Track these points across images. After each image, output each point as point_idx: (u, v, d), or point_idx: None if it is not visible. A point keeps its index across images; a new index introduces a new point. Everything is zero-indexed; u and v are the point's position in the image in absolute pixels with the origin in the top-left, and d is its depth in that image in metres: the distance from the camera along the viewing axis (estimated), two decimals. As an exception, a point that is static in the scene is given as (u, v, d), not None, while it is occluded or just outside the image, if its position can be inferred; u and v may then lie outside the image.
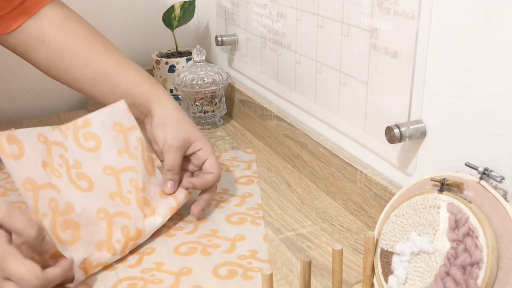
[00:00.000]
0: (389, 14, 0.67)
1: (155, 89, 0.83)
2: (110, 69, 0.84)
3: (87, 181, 0.70)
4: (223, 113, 1.12)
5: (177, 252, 0.71)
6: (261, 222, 0.77)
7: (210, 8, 1.21)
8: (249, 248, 0.71)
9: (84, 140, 0.73)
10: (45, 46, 0.83)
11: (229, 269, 0.67)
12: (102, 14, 1.21)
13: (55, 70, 0.85)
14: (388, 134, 0.67)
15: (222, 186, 0.87)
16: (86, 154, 0.72)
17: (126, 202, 0.72)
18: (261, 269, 0.67)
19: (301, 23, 0.87)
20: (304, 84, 0.90)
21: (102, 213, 0.69)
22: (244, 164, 0.95)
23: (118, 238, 0.69)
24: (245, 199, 0.84)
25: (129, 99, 0.81)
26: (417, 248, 0.55)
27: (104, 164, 0.73)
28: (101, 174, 0.72)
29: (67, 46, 0.84)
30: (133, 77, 0.84)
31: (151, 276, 0.66)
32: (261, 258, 0.69)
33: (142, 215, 0.72)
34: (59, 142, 0.71)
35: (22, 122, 1.15)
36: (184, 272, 0.67)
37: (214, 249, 0.71)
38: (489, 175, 0.54)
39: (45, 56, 0.84)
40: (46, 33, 0.83)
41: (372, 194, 0.74)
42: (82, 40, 0.85)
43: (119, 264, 0.69)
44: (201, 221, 0.78)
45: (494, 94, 0.56)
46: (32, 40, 0.84)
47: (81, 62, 0.84)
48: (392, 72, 0.69)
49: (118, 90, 0.83)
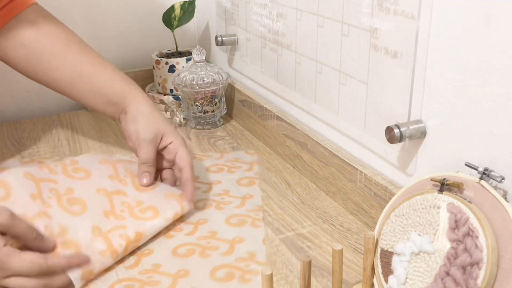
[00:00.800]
0: (389, 14, 0.67)
1: (129, 88, 0.86)
2: (86, 69, 0.86)
3: (80, 204, 0.72)
4: (223, 113, 1.12)
5: (176, 254, 0.71)
6: (261, 224, 0.77)
7: (210, 8, 1.21)
8: (247, 250, 0.71)
9: (74, 173, 0.76)
10: (23, 48, 0.85)
11: (227, 271, 0.67)
12: (102, 14, 1.21)
13: (33, 72, 0.87)
14: (388, 134, 0.67)
15: (223, 188, 0.87)
16: (77, 181, 0.75)
17: (120, 218, 0.73)
18: (259, 272, 0.66)
19: (301, 23, 0.87)
20: (304, 84, 0.90)
21: (96, 230, 0.69)
22: (246, 165, 0.94)
23: (120, 243, 0.69)
24: (246, 200, 0.83)
25: (106, 98, 0.84)
26: (417, 248, 0.55)
27: (97, 187, 0.75)
28: (94, 194, 0.74)
29: (45, 48, 0.85)
30: (109, 76, 0.86)
31: (148, 278, 0.66)
32: (260, 260, 0.69)
33: (138, 222, 0.72)
34: (48, 178, 0.73)
35: (22, 122, 1.15)
36: (181, 274, 0.67)
37: (212, 251, 0.71)
38: (489, 175, 0.54)
39: (23, 57, 0.86)
40: (25, 35, 0.85)
41: (372, 194, 0.74)
42: (59, 41, 0.87)
43: (117, 265, 0.69)
44: (200, 223, 0.77)
45: (494, 94, 0.56)
46: (11, 42, 0.85)
47: (59, 63, 0.86)
48: (392, 72, 0.69)
49: (94, 89, 0.86)
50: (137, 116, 0.82)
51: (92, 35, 1.21)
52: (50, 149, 1.01)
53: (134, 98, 0.84)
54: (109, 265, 0.68)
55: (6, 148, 1.02)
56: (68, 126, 1.12)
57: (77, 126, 1.12)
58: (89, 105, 0.88)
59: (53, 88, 0.88)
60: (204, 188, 0.87)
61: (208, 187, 0.87)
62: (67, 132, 1.10)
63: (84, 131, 1.10)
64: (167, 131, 0.82)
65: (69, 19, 1.18)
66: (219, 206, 0.82)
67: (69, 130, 1.10)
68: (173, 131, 0.82)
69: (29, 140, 1.06)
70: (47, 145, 1.03)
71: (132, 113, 0.83)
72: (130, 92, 0.85)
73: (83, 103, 0.89)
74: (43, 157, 0.98)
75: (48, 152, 1.00)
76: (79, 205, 0.72)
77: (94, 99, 0.86)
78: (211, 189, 0.87)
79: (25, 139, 1.06)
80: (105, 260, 0.67)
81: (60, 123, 1.14)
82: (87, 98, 0.86)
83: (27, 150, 1.01)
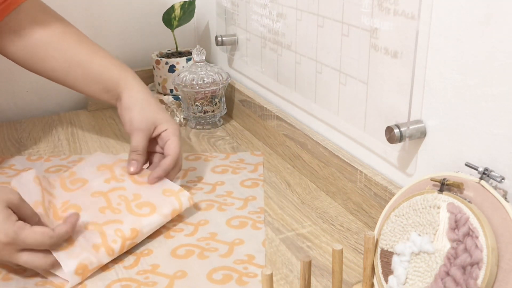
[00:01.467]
0: (389, 14, 0.67)
1: (124, 74, 0.87)
2: (82, 57, 0.88)
3: (74, 209, 0.74)
4: (223, 113, 1.12)
5: (174, 254, 0.71)
6: (261, 226, 0.77)
7: (210, 8, 1.21)
8: (246, 253, 0.71)
9: (72, 185, 0.79)
10: (21, 38, 0.87)
11: (225, 273, 0.67)
12: (102, 14, 1.21)
13: (31, 62, 0.89)
14: (388, 134, 0.67)
15: (226, 189, 0.86)
16: (73, 193, 0.77)
17: (116, 212, 0.74)
18: (257, 274, 0.66)
19: (301, 23, 0.87)
20: (304, 84, 0.90)
21: (91, 225, 0.71)
22: (250, 167, 0.94)
23: (114, 239, 0.69)
24: (248, 202, 0.83)
25: (101, 85, 0.86)
26: (417, 248, 0.55)
27: (92, 191, 0.77)
28: (89, 198, 0.76)
29: (42, 37, 0.87)
30: (104, 64, 0.88)
31: (145, 279, 0.66)
32: (258, 263, 0.69)
33: (134, 218, 0.73)
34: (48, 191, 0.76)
35: (22, 122, 1.15)
36: (178, 276, 0.66)
37: (211, 253, 0.71)
38: (489, 175, 0.54)
39: (20, 48, 0.88)
40: (23, 26, 0.87)
41: (372, 194, 0.74)
42: (56, 31, 0.88)
43: (116, 264, 0.69)
44: (201, 224, 0.77)
45: (494, 94, 0.56)
46: (8, 33, 0.87)
47: (55, 52, 0.87)
48: (392, 72, 0.69)
49: (90, 76, 0.87)
50: (131, 105, 0.83)
51: (92, 35, 1.21)
52: (50, 149, 1.01)
53: (128, 85, 0.85)
54: (106, 263, 0.68)
55: (6, 148, 1.02)
56: (68, 126, 1.12)
57: (77, 126, 1.12)
58: (86, 92, 0.90)
59: (51, 78, 0.90)
60: (207, 189, 0.87)
61: (211, 188, 0.87)
62: (67, 132, 1.09)
63: (84, 131, 1.10)
64: (162, 119, 0.83)
65: (70, 19, 1.17)
66: (221, 208, 0.81)
67: (69, 130, 1.10)
68: (168, 119, 0.84)
69: (29, 140, 1.06)
70: (47, 145, 1.03)
71: (126, 101, 0.84)
72: (124, 79, 0.86)
73: (80, 91, 0.90)
74: (49, 155, 0.98)
75: (48, 152, 1.00)
76: (74, 210, 0.73)
77: (90, 87, 0.88)
78: (214, 190, 0.86)
79: (25, 139, 1.06)
80: (100, 256, 0.67)
81: (60, 123, 1.14)
82: (83, 86, 0.88)
83: (27, 150, 1.01)
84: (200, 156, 0.98)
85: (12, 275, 0.67)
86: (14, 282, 0.66)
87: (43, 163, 0.95)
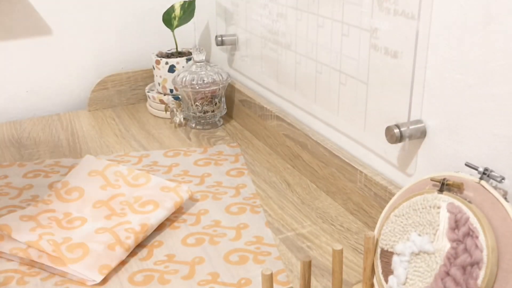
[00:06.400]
0: (389, 14, 0.67)
1: None
2: None
3: (80, 220, 0.75)
4: (223, 113, 1.12)
5: (185, 243, 0.73)
6: (260, 210, 0.80)
7: (210, 8, 1.21)
8: (254, 235, 0.74)
9: (67, 195, 0.80)
10: None
11: (240, 255, 0.70)
12: (102, 14, 1.21)
13: None
14: (388, 134, 0.67)
15: (214, 179, 0.89)
16: (72, 203, 0.78)
17: (122, 216, 0.76)
18: (270, 253, 0.69)
19: (301, 23, 0.87)
20: (304, 84, 0.90)
21: (101, 230, 0.73)
22: (231, 158, 0.97)
23: (127, 235, 0.71)
24: (240, 190, 0.86)
25: None
26: (417, 248, 0.55)
27: (93, 201, 0.79)
28: (92, 209, 0.77)
29: None
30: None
31: (165, 268, 0.68)
32: (268, 242, 0.72)
33: (141, 216, 0.75)
34: (45, 210, 0.77)
35: (22, 122, 1.15)
36: (197, 262, 0.69)
37: (221, 238, 0.74)
38: (489, 175, 0.54)
39: None
40: None
41: (372, 194, 0.74)
42: None
43: (131, 258, 0.70)
44: (202, 213, 0.80)
45: (494, 94, 0.56)
46: None
47: None
48: (392, 72, 0.68)
49: None
50: None
51: (92, 35, 1.21)
52: (50, 149, 1.01)
53: None
54: (125, 258, 0.69)
55: (6, 148, 1.02)
56: (68, 126, 1.12)
57: (77, 126, 1.12)
58: None
59: None
60: (196, 181, 0.89)
61: (200, 180, 0.89)
62: (67, 132, 1.09)
63: (84, 131, 1.10)
64: None
65: (70, 19, 1.18)
66: (216, 197, 0.84)
67: (69, 130, 1.10)
68: None
69: (29, 140, 1.06)
70: (47, 145, 1.03)
71: None
72: None
73: None
74: (43, 158, 0.98)
75: (48, 152, 1.00)
76: (80, 221, 0.75)
77: None
78: (204, 181, 0.89)
79: (25, 139, 1.06)
80: (118, 253, 0.68)
81: (60, 123, 1.14)
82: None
83: (27, 150, 1.01)
84: (179, 152, 1.00)
85: (28, 278, 0.66)
86: (31, 286, 0.65)
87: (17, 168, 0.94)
